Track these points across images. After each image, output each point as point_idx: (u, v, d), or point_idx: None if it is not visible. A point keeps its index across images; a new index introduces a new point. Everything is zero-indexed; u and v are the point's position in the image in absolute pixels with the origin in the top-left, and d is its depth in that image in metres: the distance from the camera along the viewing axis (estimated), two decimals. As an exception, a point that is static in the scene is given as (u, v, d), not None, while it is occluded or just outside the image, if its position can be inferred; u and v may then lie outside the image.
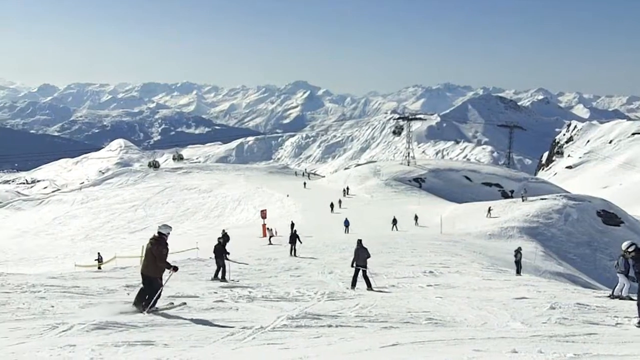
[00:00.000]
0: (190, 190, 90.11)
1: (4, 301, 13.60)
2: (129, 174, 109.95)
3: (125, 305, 12.70)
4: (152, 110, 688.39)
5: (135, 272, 24.31)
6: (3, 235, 74.25)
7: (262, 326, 10.85)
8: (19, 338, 9.51)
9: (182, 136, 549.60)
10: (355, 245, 20.85)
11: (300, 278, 22.71)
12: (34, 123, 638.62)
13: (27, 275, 22.01)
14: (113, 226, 74.66)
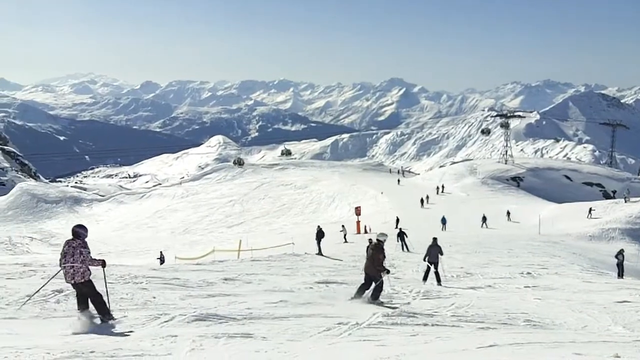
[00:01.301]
0: (286, 186, 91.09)
1: (109, 291, 14.16)
2: (227, 169, 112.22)
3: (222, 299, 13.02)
4: (250, 107, 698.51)
5: (232, 265, 24.83)
6: (106, 227, 76.97)
7: (357, 322, 10.91)
8: (122, 327, 9.89)
9: (279, 133, 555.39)
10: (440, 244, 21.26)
11: (395, 276, 22.66)
12: (136, 119, 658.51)
13: (130, 267, 22.75)
14: (211, 220, 76.25)
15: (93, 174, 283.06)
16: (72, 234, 10.44)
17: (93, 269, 10.43)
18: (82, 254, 10.16)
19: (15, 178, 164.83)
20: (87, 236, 10.57)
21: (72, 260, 10.15)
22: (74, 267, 10.16)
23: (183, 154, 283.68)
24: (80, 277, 10.17)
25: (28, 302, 11.98)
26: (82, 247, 10.22)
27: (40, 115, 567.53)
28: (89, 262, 10.21)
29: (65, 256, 10.32)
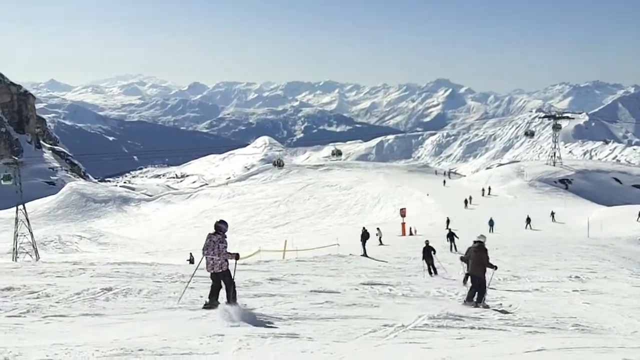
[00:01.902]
0: (331, 187, 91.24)
1: (156, 290, 14.33)
2: (273, 170, 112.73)
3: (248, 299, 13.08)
4: (295, 108, 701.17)
5: (277, 265, 24.93)
6: (153, 227, 78.02)
7: (403, 324, 10.87)
8: (170, 326, 10.01)
9: (324, 134, 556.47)
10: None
11: (441, 278, 22.53)
12: (184, 120, 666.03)
13: (176, 266, 23.00)
14: (257, 220, 76.77)
15: (141, 174, 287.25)
16: (214, 228, 12.00)
17: None
18: (219, 248, 11.63)
19: (65, 178, 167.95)
20: (227, 230, 12.10)
21: (212, 253, 11.67)
22: (213, 259, 11.68)
23: (229, 155, 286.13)
24: (218, 268, 11.65)
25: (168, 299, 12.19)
26: (220, 242, 11.70)
27: (89, 115, 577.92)
28: (225, 255, 11.60)
29: (207, 248, 11.83)
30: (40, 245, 60.57)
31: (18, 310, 11.05)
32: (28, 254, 57.49)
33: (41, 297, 12.71)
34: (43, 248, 60.76)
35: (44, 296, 12.77)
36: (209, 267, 11.81)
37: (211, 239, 11.77)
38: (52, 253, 58.86)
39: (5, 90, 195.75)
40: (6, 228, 73.91)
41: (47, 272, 17.56)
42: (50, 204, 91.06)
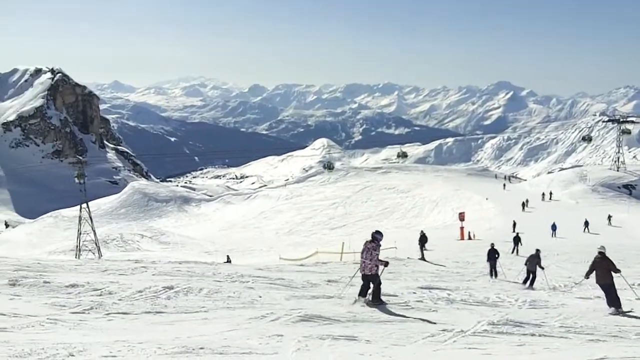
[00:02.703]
0: (389, 189, 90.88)
1: (216, 289, 14.50)
2: (331, 172, 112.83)
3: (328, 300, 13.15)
4: (354, 110, 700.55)
5: (335, 267, 24.97)
6: (213, 227, 78.91)
7: (462, 330, 10.79)
8: (230, 325, 10.13)
9: (382, 136, 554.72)
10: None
11: (500, 283, 22.28)
12: (244, 122, 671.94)
13: (236, 266, 23.23)
14: (314, 222, 76.97)
15: (202, 175, 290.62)
16: (370, 237, 13.71)
17: None
18: (371, 254, 13.36)
19: (128, 177, 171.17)
20: (381, 240, 13.83)
21: (365, 257, 13.42)
22: (365, 262, 13.43)
23: (288, 157, 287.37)
24: (368, 271, 13.42)
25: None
26: (373, 250, 13.42)
27: (152, 116, 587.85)
28: (376, 261, 13.39)
29: (363, 252, 13.57)
30: (102, 243, 61.82)
31: (82, 307, 11.31)
32: (91, 252, 58.72)
33: (104, 294, 12.98)
34: (105, 246, 62.01)
35: (107, 293, 13.04)
36: (360, 269, 13.71)
37: (366, 246, 13.52)
38: (114, 251, 60.04)
39: (71, 91, 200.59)
40: (70, 226, 75.68)
41: (109, 269, 17.93)
42: (113, 203, 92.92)
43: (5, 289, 13.22)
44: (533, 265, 21.76)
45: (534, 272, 21.70)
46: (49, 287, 13.46)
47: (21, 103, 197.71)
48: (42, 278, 14.51)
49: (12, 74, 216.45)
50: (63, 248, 64.68)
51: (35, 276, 14.89)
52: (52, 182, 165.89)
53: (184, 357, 7.68)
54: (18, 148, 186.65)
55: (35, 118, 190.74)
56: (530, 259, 22.11)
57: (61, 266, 18.87)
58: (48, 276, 15.06)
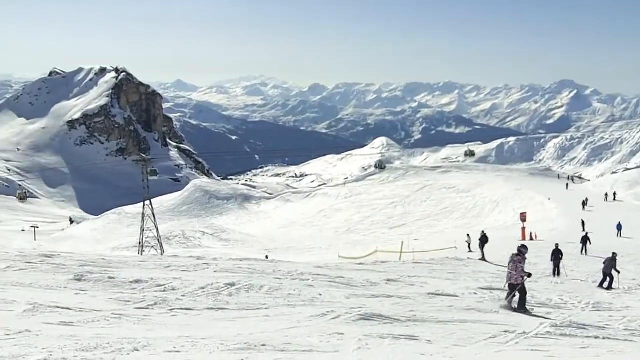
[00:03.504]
0: (448, 189, 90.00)
1: (276, 286, 14.62)
2: (390, 171, 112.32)
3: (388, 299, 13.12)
4: (413, 109, 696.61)
5: (394, 267, 24.89)
6: (273, 224, 79.41)
7: (524, 331, 10.65)
8: (291, 322, 10.20)
9: (442, 135, 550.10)
10: None
11: (563, 285, 21.91)
12: (304, 120, 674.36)
13: (296, 264, 23.35)
14: (373, 221, 76.74)
15: (262, 173, 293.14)
16: (517, 250, 14.89)
17: None
18: (517, 266, 14.45)
19: (190, 175, 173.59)
20: (526, 253, 15.03)
21: (511, 268, 14.57)
22: (511, 273, 14.54)
23: (347, 155, 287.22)
24: (514, 280, 14.50)
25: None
26: (519, 262, 14.52)
27: (214, 115, 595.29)
28: (520, 272, 14.40)
29: (509, 264, 14.77)
30: (165, 239, 62.74)
31: (146, 303, 11.52)
32: (153, 248, 59.66)
33: (168, 290, 13.21)
34: (167, 243, 62.92)
35: (170, 289, 13.27)
36: (507, 279, 14.92)
37: (513, 258, 14.73)
38: (176, 248, 60.90)
39: (135, 90, 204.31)
40: (133, 223, 77.08)
41: (172, 266, 18.25)
42: (175, 201, 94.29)
43: (72, 284, 13.56)
44: (609, 268, 21.69)
45: (610, 275, 21.59)
46: (113, 283, 13.76)
47: (86, 102, 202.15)
48: (107, 274, 14.84)
49: (77, 73, 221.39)
50: (126, 244, 65.93)
51: (100, 272, 15.23)
52: (116, 179, 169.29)
53: (246, 353, 7.75)
54: (83, 146, 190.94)
55: (100, 116, 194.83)
56: (607, 261, 22.09)
57: (125, 262, 19.27)
58: (112, 272, 15.39)
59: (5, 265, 15.51)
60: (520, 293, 14.37)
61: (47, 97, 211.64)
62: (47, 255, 19.23)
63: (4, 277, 13.92)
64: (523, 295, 14.37)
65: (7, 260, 16.82)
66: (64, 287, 13.12)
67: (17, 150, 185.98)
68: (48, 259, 18.02)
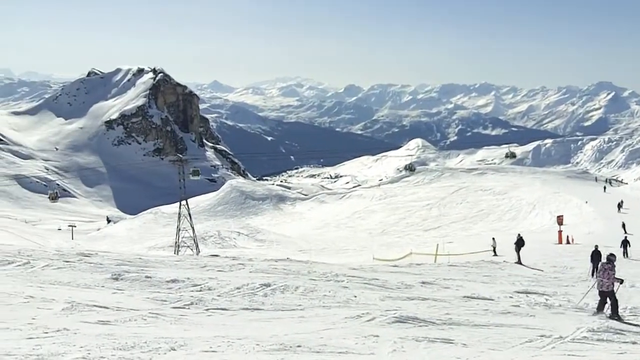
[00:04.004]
0: (484, 191, 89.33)
1: (311, 287, 14.65)
2: (425, 173, 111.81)
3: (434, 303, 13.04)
4: (449, 110, 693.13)
5: (429, 269, 24.79)
6: (308, 225, 79.52)
7: (561, 336, 10.56)
8: (326, 324, 10.22)
9: (478, 137, 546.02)
10: None
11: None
12: (339, 122, 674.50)
13: (331, 265, 23.36)
14: (408, 223, 76.47)
15: (297, 174, 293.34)
16: (606, 259, 15.37)
17: None
18: (608, 273, 14.79)
19: (226, 175, 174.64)
20: (615, 261, 15.30)
21: (602, 276, 14.89)
22: (602, 280, 14.82)
23: (382, 157, 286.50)
24: (605, 288, 14.76)
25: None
26: (610, 270, 14.86)
27: (250, 116, 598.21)
28: (612, 279, 14.74)
29: (599, 272, 15.19)
30: (200, 239, 63.12)
31: (182, 302, 11.63)
32: (189, 248, 60.05)
33: (204, 290, 13.31)
34: (203, 243, 63.29)
35: (206, 289, 13.37)
36: (598, 286, 15.05)
37: (603, 266, 15.07)
38: (211, 248, 61.22)
39: (172, 90, 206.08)
40: (169, 222, 77.69)
41: (208, 266, 18.38)
42: (211, 201, 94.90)
43: (109, 282, 13.73)
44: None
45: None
46: (150, 282, 13.90)
47: (124, 102, 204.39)
48: (144, 273, 14.99)
49: (115, 73, 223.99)
50: (162, 244, 66.45)
51: (137, 271, 15.38)
52: (153, 179, 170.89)
53: (282, 354, 7.79)
54: (120, 146, 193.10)
55: (137, 117, 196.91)
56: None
57: (162, 262, 19.44)
58: (149, 271, 15.54)
59: (44, 264, 15.73)
60: (611, 299, 14.68)
61: (86, 97, 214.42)
62: (85, 254, 19.46)
63: (43, 275, 14.12)
64: (615, 302, 14.68)
65: (46, 259, 17.05)
66: (102, 286, 13.29)
67: (56, 150, 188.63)
68: (86, 258, 18.24)
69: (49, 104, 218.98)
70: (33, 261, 16.00)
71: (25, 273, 14.20)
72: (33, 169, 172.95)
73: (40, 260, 16.60)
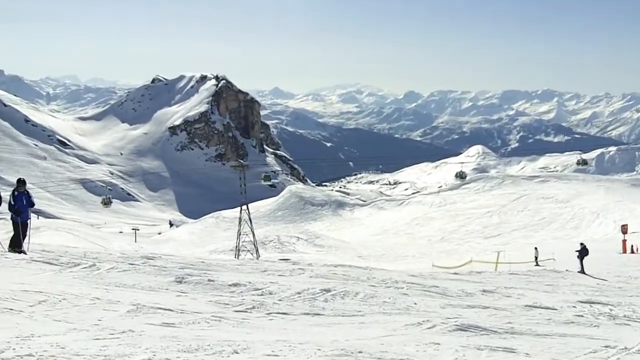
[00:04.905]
0: (546, 199, 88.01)
1: (371, 294, 14.66)
2: (486, 180, 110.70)
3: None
4: (510, 117, 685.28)
5: (490, 277, 24.54)
6: (366, 231, 79.50)
7: (626, 347, 10.36)
8: (387, 330, 10.23)
9: (540, 144, 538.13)
10: None
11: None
12: (398, 128, 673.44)
13: (390, 272, 23.32)
14: (468, 230, 75.82)
15: (356, 180, 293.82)
16: None
17: None
18: None
19: (285, 181, 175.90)
20: None
21: None
22: None
23: (442, 163, 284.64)
24: None
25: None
26: None
27: (309, 122, 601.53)
28: None
29: None
30: (260, 244, 63.72)
31: (244, 306, 11.76)
32: (249, 252, 60.68)
33: (265, 294, 13.45)
34: (263, 247, 63.88)
35: (267, 293, 13.50)
36: None
37: None
38: (271, 252, 61.77)
39: (234, 97, 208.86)
40: (230, 227, 78.62)
41: (268, 270, 18.54)
42: (271, 206, 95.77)
43: (172, 286, 13.96)
44: None
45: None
46: (212, 286, 14.09)
47: (187, 108, 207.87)
48: (206, 276, 15.20)
49: (178, 80, 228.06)
50: (223, 248, 67.30)
51: (200, 274, 15.61)
52: (214, 184, 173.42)
53: (343, 359, 7.84)
54: (183, 151, 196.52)
55: (200, 123, 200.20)
56: None
57: (223, 265, 19.68)
58: (212, 275, 15.76)
59: (110, 266, 16.06)
60: None
61: (150, 103, 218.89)
62: (149, 257, 19.81)
63: (108, 277, 14.42)
64: None
65: (111, 262, 17.41)
66: (166, 289, 13.52)
67: (120, 155, 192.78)
68: (150, 261, 18.56)
69: (114, 110, 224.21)
70: (99, 264, 16.36)
71: (91, 275, 14.52)
72: (98, 173, 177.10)
73: (105, 262, 16.97)
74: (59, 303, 10.15)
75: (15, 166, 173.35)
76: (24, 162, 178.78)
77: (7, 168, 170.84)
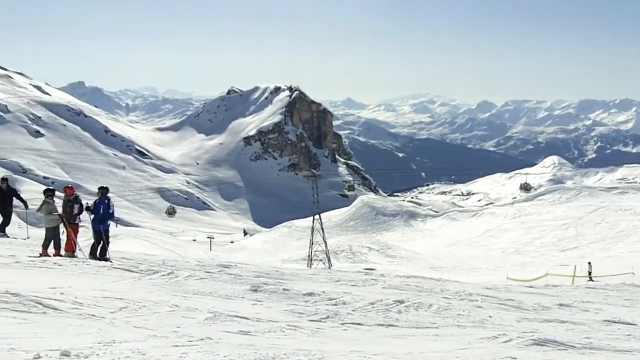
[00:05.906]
0: (625, 211, 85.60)
1: (445, 306, 14.57)
2: (562, 191, 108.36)
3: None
4: (587, 127, 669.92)
5: (566, 291, 24.06)
6: (438, 243, 78.79)
7: None
8: (462, 343, 10.18)
9: (618, 155, 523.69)
10: None
11: None
12: (471, 138, 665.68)
13: (463, 284, 23.10)
14: (543, 243, 74.40)
15: (428, 190, 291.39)
16: None
17: None
18: None
19: (357, 191, 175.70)
20: None
21: None
22: None
23: (516, 174, 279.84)
24: None
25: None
26: None
27: (381, 133, 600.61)
28: None
29: None
30: (332, 254, 63.89)
31: (319, 316, 11.86)
32: (321, 262, 60.91)
33: (339, 304, 13.52)
34: (335, 257, 64.02)
35: (341, 303, 13.57)
36: None
37: None
38: (342, 262, 61.83)
39: (307, 107, 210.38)
40: (302, 236, 79.05)
41: (342, 280, 18.62)
42: (343, 216, 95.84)
43: (248, 294, 14.17)
44: None
45: None
46: (287, 295, 14.24)
47: (261, 119, 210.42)
48: (281, 285, 15.38)
49: (253, 91, 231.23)
50: (295, 257, 67.68)
51: (275, 283, 15.81)
52: (287, 193, 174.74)
53: (418, 372, 7.86)
54: (257, 161, 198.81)
55: (274, 133, 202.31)
56: None
57: (297, 274, 19.86)
58: (286, 284, 15.93)
59: (187, 274, 16.39)
60: None
61: (225, 114, 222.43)
62: (225, 266, 20.13)
63: (186, 285, 14.72)
64: None
65: (188, 269, 17.77)
66: (242, 297, 13.73)
67: (196, 165, 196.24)
68: (225, 269, 18.86)
69: (191, 121, 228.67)
70: (176, 271, 16.73)
71: (169, 283, 14.86)
72: (175, 183, 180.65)
73: (183, 270, 17.33)
74: (139, 310, 10.44)
75: (95, 175, 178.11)
76: (104, 172, 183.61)
77: (87, 177, 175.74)
